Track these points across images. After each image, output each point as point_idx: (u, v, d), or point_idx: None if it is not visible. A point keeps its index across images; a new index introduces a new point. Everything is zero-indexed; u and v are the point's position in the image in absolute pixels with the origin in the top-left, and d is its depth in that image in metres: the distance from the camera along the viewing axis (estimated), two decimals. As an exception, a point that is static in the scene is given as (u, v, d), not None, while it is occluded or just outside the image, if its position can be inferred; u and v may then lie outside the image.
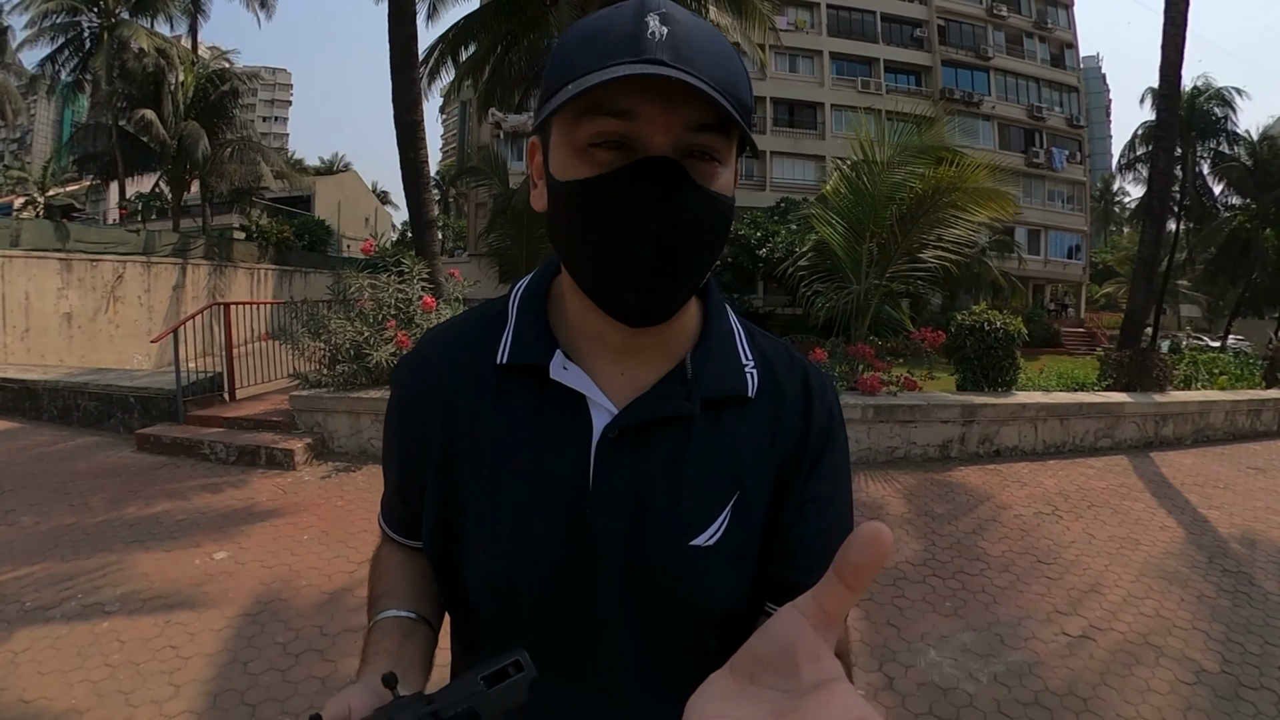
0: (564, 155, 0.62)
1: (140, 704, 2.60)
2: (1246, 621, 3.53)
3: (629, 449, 0.68)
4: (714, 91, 0.57)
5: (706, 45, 0.60)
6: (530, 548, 0.69)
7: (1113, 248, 47.73)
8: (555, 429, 0.69)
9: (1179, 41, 9.39)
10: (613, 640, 0.71)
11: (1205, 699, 2.85)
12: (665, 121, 0.59)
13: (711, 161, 0.62)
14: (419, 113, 8.36)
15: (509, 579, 0.70)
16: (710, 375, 0.71)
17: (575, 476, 0.68)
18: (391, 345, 6.16)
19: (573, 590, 0.69)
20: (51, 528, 4.35)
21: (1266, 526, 5.02)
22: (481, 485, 0.71)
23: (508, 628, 0.71)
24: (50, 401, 7.40)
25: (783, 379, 0.75)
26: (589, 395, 0.69)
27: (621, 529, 0.68)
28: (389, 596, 0.78)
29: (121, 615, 3.27)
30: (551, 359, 0.69)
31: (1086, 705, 2.77)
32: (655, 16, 0.58)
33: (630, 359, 0.71)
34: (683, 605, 0.70)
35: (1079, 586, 3.87)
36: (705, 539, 0.69)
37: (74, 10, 23.12)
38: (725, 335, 0.75)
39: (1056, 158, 35.86)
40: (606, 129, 0.59)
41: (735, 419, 0.72)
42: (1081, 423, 7.07)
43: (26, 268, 13.66)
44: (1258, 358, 11.93)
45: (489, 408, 0.71)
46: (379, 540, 0.91)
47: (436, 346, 0.78)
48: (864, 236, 7.23)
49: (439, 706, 0.53)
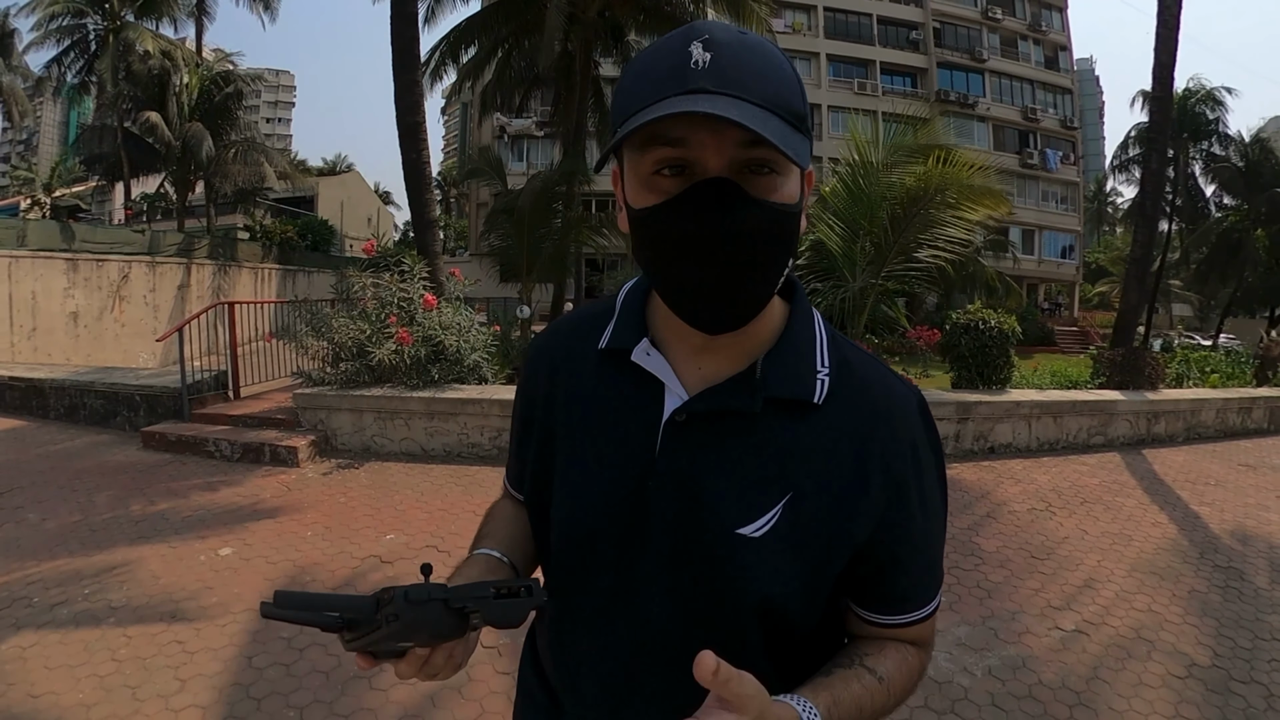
0: (634, 184, 0.68)
1: (147, 698, 2.60)
2: (1237, 616, 3.54)
3: (693, 434, 0.74)
4: (757, 109, 0.61)
5: (752, 63, 0.63)
6: (595, 503, 0.77)
7: (1106, 248, 47.72)
8: (633, 406, 0.77)
9: (1171, 44, 9.39)
10: (661, 616, 0.76)
11: (1196, 692, 2.86)
12: (716, 144, 0.63)
13: (770, 174, 0.65)
14: (421, 114, 8.35)
15: (573, 527, 0.79)
16: (778, 377, 0.74)
17: (643, 451, 0.75)
18: (393, 343, 6.16)
19: (629, 558, 0.76)
20: (59, 525, 4.35)
21: (1257, 523, 5.03)
22: (569, 445, 0.81)
23: (564, 571, 0.81)
24: (57, 400, 7.40)
25: (863, 393, 0.76)
26: (666, 381, 0.75)
27: (675, 506, 0.74)
28: (489, 538, 0.88)
29: (128, 611, 3.27)
30: (638, 345, 0.77)
31: (1080, 699, 2.77)
32: (699, 44, 0.62)
33: (709, 356, 0.76)
34: (722, 589, 0.73)
35: (1072, 582, 3.87)
36: (753, 530, 0.72)
37: (80, 13, 23.08)
38: (804, 341, 0.77)
39: (1050, 159, 35.89)
40: (666, 156, 0.65)
41: (800, 422, 0.74)
42: (1075, 420, 7.07)
43: (33, 268, 13.65)
44: (1249, 356, 11.93)
45: (587, 383, 0.81)
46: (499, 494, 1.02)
47: (553, 333, 0.91)
48: (860, 236, 7.23)
49: (449, 596, 0.62)
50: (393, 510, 4.71)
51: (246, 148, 25.56)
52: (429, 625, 0.62)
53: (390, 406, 6.11)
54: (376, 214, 46.05)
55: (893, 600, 0.78)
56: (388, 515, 4.61)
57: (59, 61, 23.79)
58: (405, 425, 6.14)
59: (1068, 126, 37.28)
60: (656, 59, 0.65)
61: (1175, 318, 41.40)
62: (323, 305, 7.41)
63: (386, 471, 5.59)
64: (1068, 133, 37.30)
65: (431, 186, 8.62)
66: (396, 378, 6.30)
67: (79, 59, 23.75)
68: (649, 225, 0.67)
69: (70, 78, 24.31)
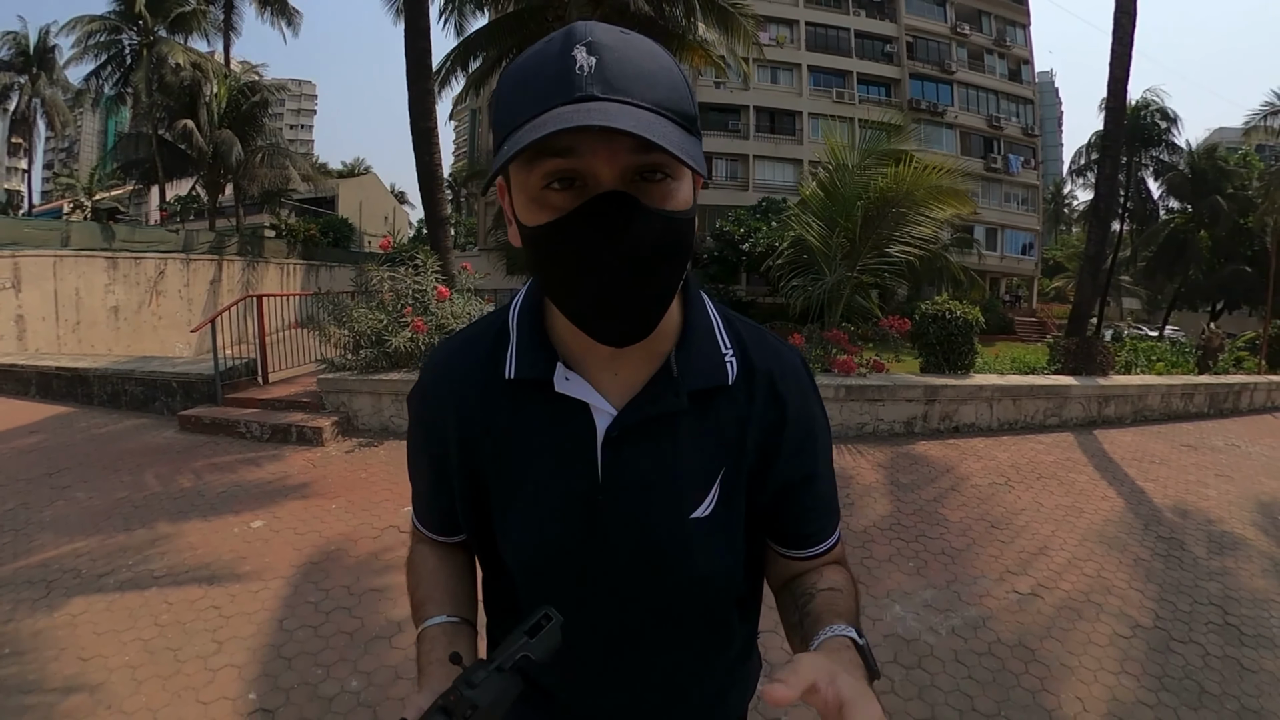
0: (523, 200, 0.60)
1: (187, 659, 2.62)
2: (1177, 582, 3.58)
3: (629, 444, 0.70)
4: (647, 113, 0.54)
5: (640, 65, 0.56)
6: (553, 536, 0.72)
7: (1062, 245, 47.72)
8: (564, 434, 0.71)
9: (1125, 60, 9.35)
10: (630, 606, 0.75)
11: (1140, 650, 2.89)
12: (607, 153, 0.55)
13: (664, 180, 0.58)
14: (433, 120, 8.29)
15: (537, 562, 0.74)
16: (694, 371, 0.71)
17: (585, 472, 0.70)
18: (409, 331, 6.14)
19: (593, 567, 0.73)
20: (104, 502, 4.35)
21: (1196, 498, 5.07)
22: (504, 484, 0.74)
23: (542, 597, 0.73)
24: (100, 387, 7.37)
25: (758, 362, 0.75)
26: (591, 402, 0.70)
27: (627, 512, 0.71)
28: (430, 603, 0.79)
29: (169, 580, 3.27)
30: (554, 372, 0.69)
31: (1034, 655, 2.80)
32: (582, 48, 0.55)
33: (621, 362, 0.70)
34: (686, 569, 0.73)
35: (1029, 549, 3.90)
36: (702, 510, 0.72)
37: (116, 30, 22.84)
38: (705, 329, 0.74)
39: (1013, 163, 35.80)
40: (554, 168, 0.57)
41: (720, 404, 0.73)
42: (1032, 403, 7.10)
43: (76, 266, 13.55)
44: (1191, 346, 12.00)
45: (503, 419, 0.73)
46: (410, 543, 0.93)
47: (443, 368, 0.78)
48: (836, 232, 7.22)
49: (500, 661, 0.59)
50: (409, 485, 4.70)
51: (272, 152, 25.34)
52: (501, 697, 0.58)
53: (406, 390, 6.07)
54: (392, 212, 45.69)
55: (812, 534, 0.79)
56: (405, 489, 4.55)
57: (97, 75, 23.55)
58: (421, 408, 6.12)
59: (1029, 134, 37.15)
60: (539, 66, 0.56)
61: (1125, 310, 41.46)
62: (344, 297, 7.39)
63: (403, 450, 5.56)
64: (1029, 139, 37.17)
65: (443, 187, 8.56)
66: (412, 363, 6.29)
67: (116, 72, 23.51)
68: (543, 244, 0.60)
69: (108, 89, 24.06)
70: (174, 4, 23.22)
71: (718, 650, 0.83)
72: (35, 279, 12.43)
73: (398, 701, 2.40)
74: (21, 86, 27.77)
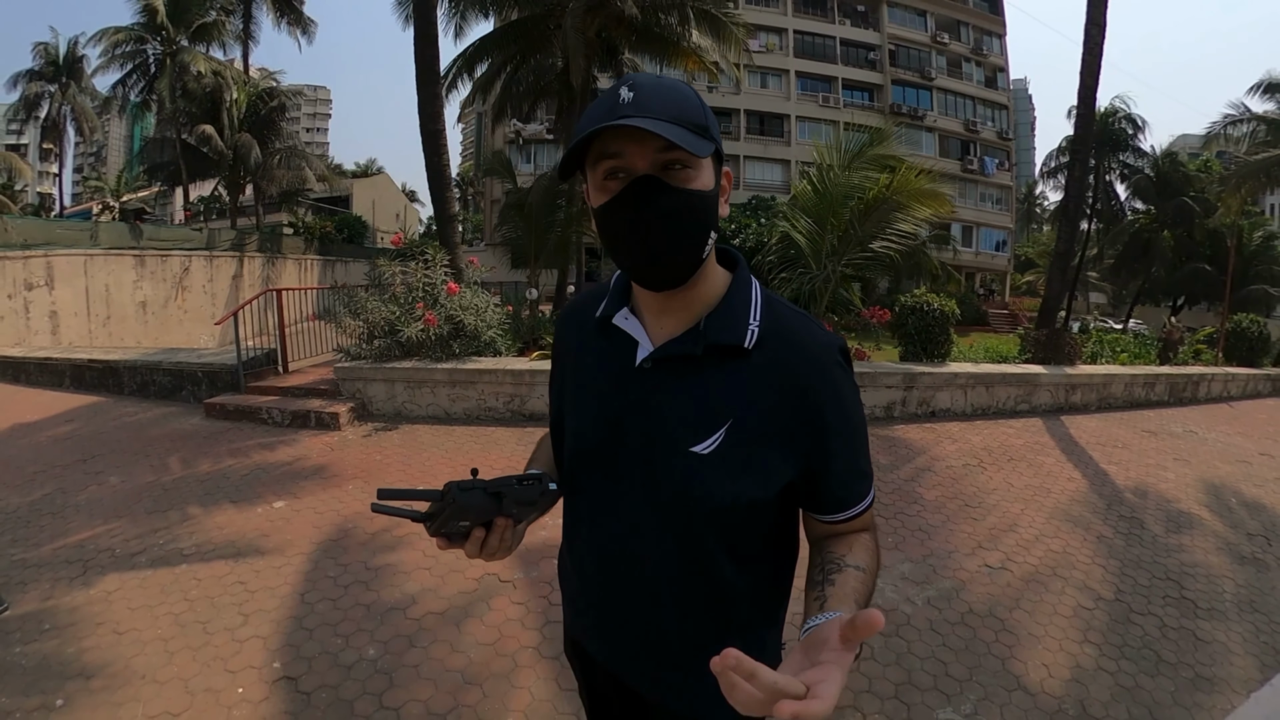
0: (593, 189, 0.80)
1: (215, 631, 2.63)
2: (1137, 558, 3.61)
3: (655, 376, 0.85)
4: (665, 123, 0.73)
5: (662, 94, 0.76)
6: (589, 427, 0.90)
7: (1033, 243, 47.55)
8: (615, 356, 0.88)
9: (1095, 69, 9.28)
10: (628, 507, 0.87)
11: (1102, 621, 2.92)
12: (640, 151, 0.76)
13: (683, 169, 0.76)
14: (441, 123, 8.20)
15: (576, 441, 0.92)
16: (716, 329, 0.83)
17: (621, 388, 0.87)
18: (420, 323, 6.13)
19: (608, 464, 0.88)
20: (135, 486, 4.35)
21: (1155, 480, 5.10)
22: (575, 386, 0.95)
23: (570, 476, 0.93)
24: (130, 378, 7.35)
25: (783, 337, 0.83)
26: (637, 337, 0.87)
27: (642, 428, 0.84)
28: (534, 462, 1.04)
29: (197, 558, 3.29)
30: (618, 313, 0.89)
31: (1004, 625, 2.83)
32: (625, 87, 0.76)
33: (668, 317, 0.87)
34: (681, 495, 0.82)
35: (999, 526, 3.92)
36: (702, 448, 0.81)
37: (140, 40, 22.60)
38: (741, 303, 0.86)
39: (988, 165, 35.69)
40: (609, 166, 0.77)
41: (737, 364, 0.82)
42: (1004, 390, 7.13)
43: (106, 264, 13.47)
44: (1153, 339, 12.01)
45: (589, 341, 0.94)
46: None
47: (568, 308, 1.03)
48: (824, 229, 7.19)
49: (484, 484, 0.77)
50: (421, 466, 4.72)
51: (289, 154, 25.13)
52: (474, 506, 0.76)
53: (418, 377, 6.09)
54: (404, 210, 45.38)
55: (836, 501, 0.86)
56: (417, 470, 4.63)
57: (123, 83, 23.31)
58: (431, 393, 6.13)
59: (1003, 138, 37.00)
60: (599, 103, 0.77)
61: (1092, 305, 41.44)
62: (358, 290, 7.35)
63: (415, 433, 5.60)
64: (1003, 143, 37.02)
65: (451, 186, 8.49)
66: (423, 352, 6.28)
67: (140, 80, 23.28)
68: (604, 217, 0.79)
69: (133, 97, 23.81)
70: (195, 15, 22.97)
71: (720, 571, 0.86)
72: (67, 277, 12.36)
73: (413, 668, 2.42)
74: (52, 95, 27.49)
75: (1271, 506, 4.63)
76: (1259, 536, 4.04)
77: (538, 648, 2.57)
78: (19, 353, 8.93)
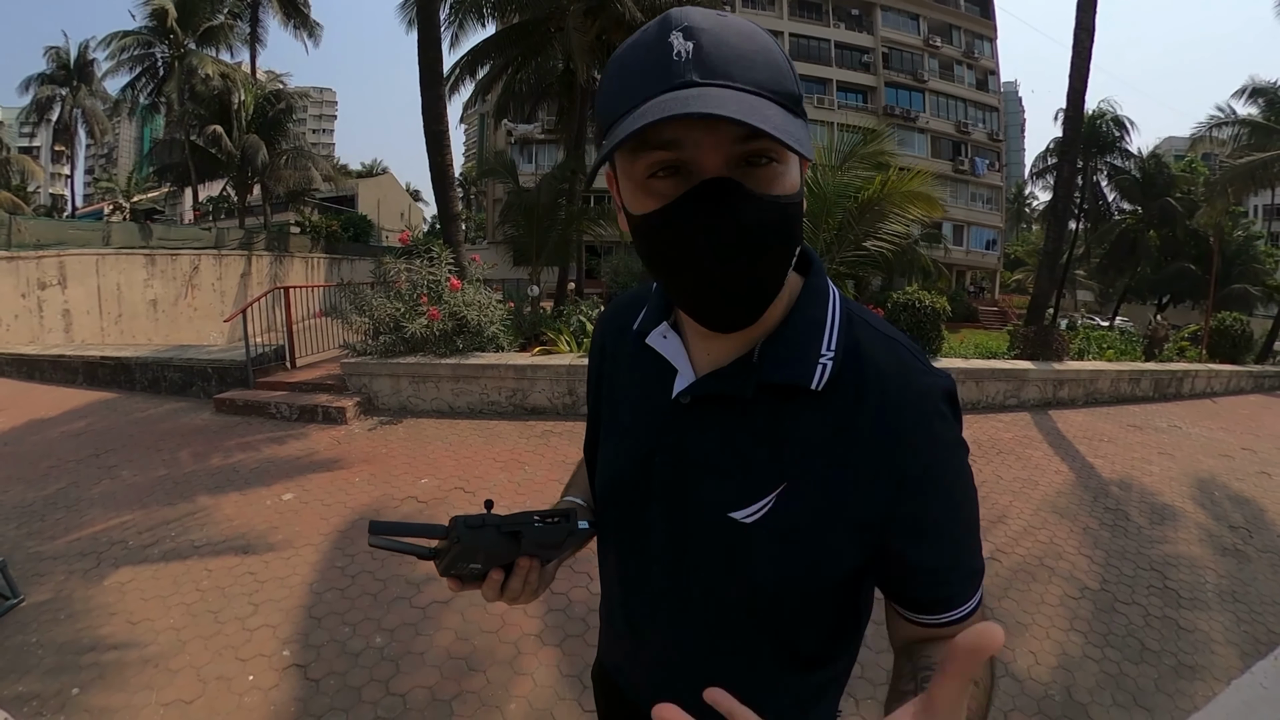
0: (630, 189, 0.55)
1: (226, 621, 2.64)
2: (1122, 549, 3.62)
3: (694, 416, 0.64)
4: (750, 96, 0.48)
5: (738, 46, 0.49)
6: (617, 468, 0.72)
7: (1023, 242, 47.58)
8: (650, 382, 0.68)
9: (1083, 72, 9.27)
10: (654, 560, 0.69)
11: (1088, 610, 2.93)
12: (711, 142, 0.50)
13: (770, 164, 0.52)
14: (444, 124, 8.18)
15: (603, 485, 0.75)
16: (774, 362, 0.60)
17: (654, 427, 0.67)
18: (424, 319, 6.12)
19: (635, 512, 0.69)
20: (147, 479, 4.35)
21: (1140, 473, 5.11)
22: (609, 416, 0.76)
23: (603, 517, 0.75)
24: (141, 374, 7.34)
25: (869, 377, 0.59)
26: (677, 365, 0.66)
27: (671, 479, 0.65)
28: (572, 488, 0.89)
29: (208, 549, 3.29)
30: (655, 329, 0.69)
31: (992, 614, 2.83)
32: (678, 33, 0.49)
33: (717, 340, 0.64)
34: (713, 567, 0.64)
35: (988, 517, 3.92)
36: (744, 515, 0.61)
37: (149, 44, 22.47)
38: (812, 324, 0.62)
39: (979, 166, 35.66)
40: (659, 160, 0.51)
41: (797, 409, 0.60)
42: (994, 384, 7.13)
43: (117, 263, 13.43)
44: (1139, 336, 12.04)
45: (623, 362, 0.74)
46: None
47: (605, 315, 0.82)
48: (819, 228, 7.20)
49: (499, 521, 0.63)
50: (426, 459, 4.72)
51: (296, 155, 25.03)
52: (485, 546, 0.62)
53: (422, 372, 6.09)
54: (408, 209, 45.29)
55: (928, 602, 0.62)
56: (422, 463, 4.63)
57: (132, 85, 23.19)
58: (435, 387, 6.13)
59: (994, 139, 36.96)
60: (637, 55, 0.51)
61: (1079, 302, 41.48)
62: (364, 288, 7.35)
63: (420, 426, 5.60)
64: (994, 144, 36.99)
65: (454, 185, 8.45)
66: (427, 347, 6.28)
67: (150, 83, 23.15)
68: (650, 231, 0.54)
69: (143, 99, 23.69)
70: (203, 18, 22.83)
71: (767, 671, 0.68)
72: (80, 276, 12.33)
73: (419, 655, 2.42)
74: (63, 98, 27.46)
75: (1253, 500, 4.64)
76: (1241, 529, 4.05)
77: (540, 635, 2.58)
78: (33, 350, 8.92)
